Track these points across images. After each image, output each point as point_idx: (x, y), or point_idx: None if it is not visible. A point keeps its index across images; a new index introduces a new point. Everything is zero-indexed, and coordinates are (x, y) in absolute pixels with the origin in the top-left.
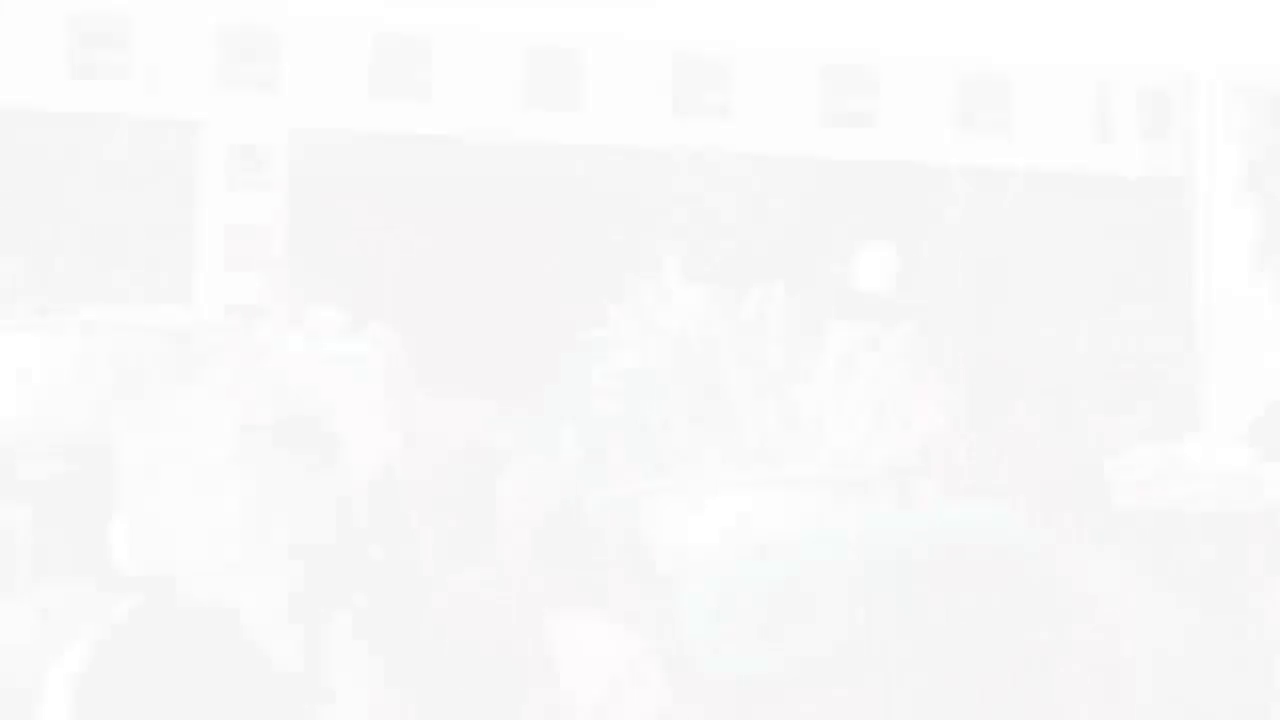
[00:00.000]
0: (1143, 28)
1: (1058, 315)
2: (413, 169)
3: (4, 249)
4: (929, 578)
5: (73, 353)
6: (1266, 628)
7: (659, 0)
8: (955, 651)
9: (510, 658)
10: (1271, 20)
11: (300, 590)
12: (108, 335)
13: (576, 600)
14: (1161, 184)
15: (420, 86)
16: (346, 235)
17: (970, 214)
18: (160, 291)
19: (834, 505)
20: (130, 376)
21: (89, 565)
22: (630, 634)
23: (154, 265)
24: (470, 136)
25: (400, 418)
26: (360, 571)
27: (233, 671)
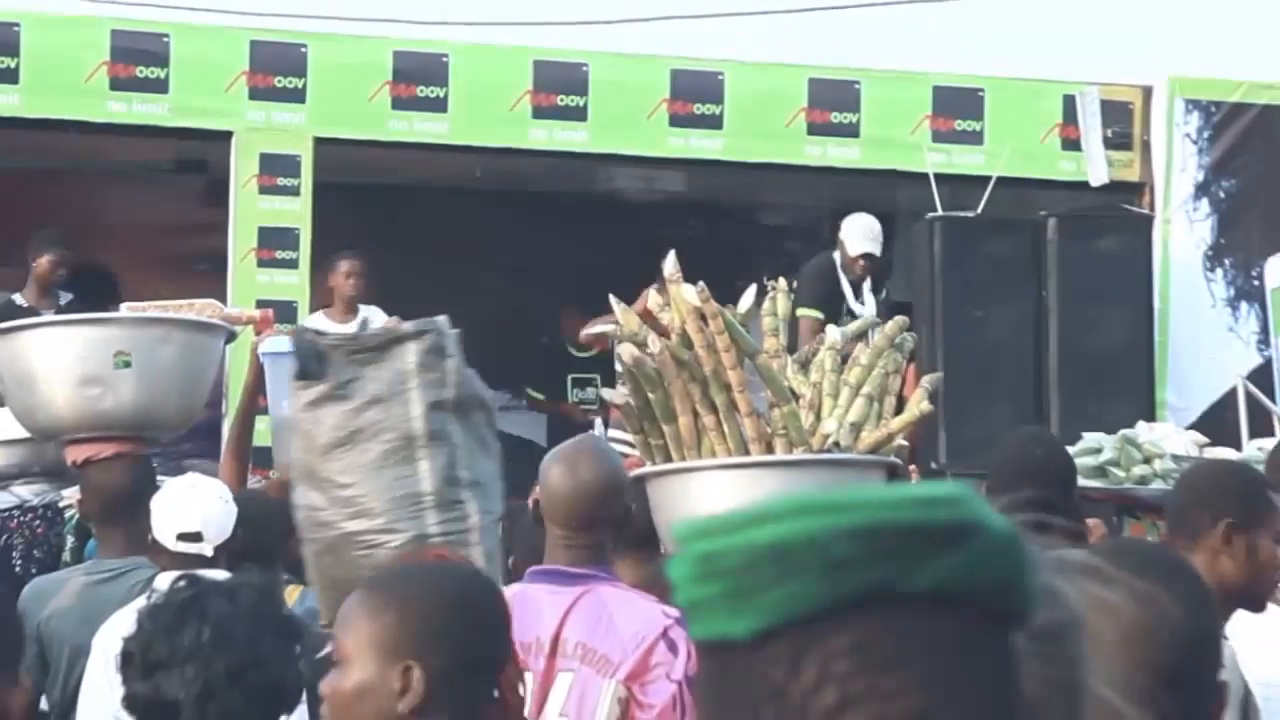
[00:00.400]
0: (1105, 45)
1: (1027, 312)
2: (428, 176)
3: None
4: None
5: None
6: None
7: (656, 19)
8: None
9: None
10: (1222, 39)
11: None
12: (161, 328)
13: None
14: (1123, 190)
15: (435, 100)
16: (366, 237)
17: (946, 218)
18: (197, 288)
19: (826, 487)
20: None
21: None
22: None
23: (191, 263)
24: (481, 146)
25: None
26: None
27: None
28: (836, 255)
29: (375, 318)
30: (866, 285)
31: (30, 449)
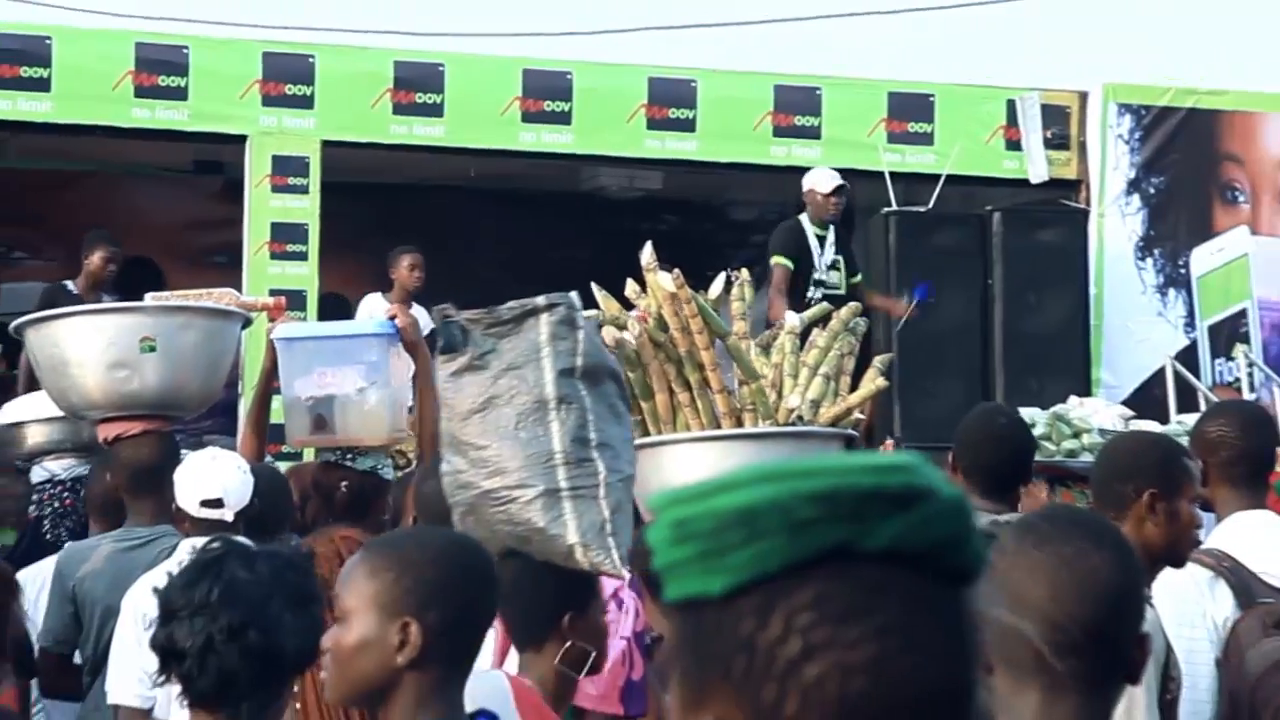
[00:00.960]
0: (1045, 54)
1: (974, 298)
2: (426, 175)
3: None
4: None
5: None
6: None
7: (634, 31)
8: None
9: None
10: (1152, 47)
11: None
12: (182, 315)
13: None
14: (1061, 187)
15: (432, 106)
16: (369, 232)
17: (900, 213)
18: (215, 279)
19: (790, 457)
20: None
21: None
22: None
23: (209, 256)
24: (474, 148)
25: None
26: None
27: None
28: (803, 217)
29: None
30: (829, 241)
31: (59, 427)
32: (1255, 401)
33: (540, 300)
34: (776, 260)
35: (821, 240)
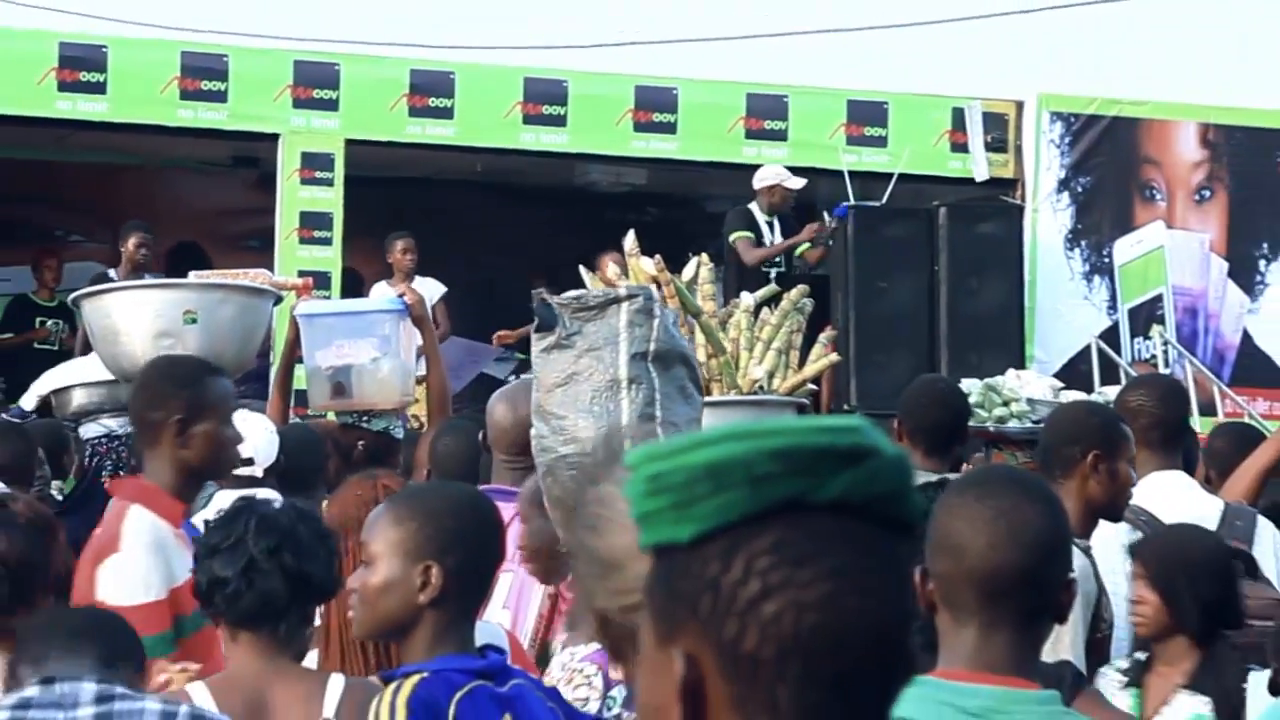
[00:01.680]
0: (987, 68)
1: (922, 283)
2: (437, 171)
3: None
4: None
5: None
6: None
7: (622, 45)
8: None
9: None
10: (1081, 63)
11: None
12: (221, 292)
13: None
14: (1000, 185)
15: (444, 110)
16: (387, 220)
17: (857, 207)
18: (250, 261)
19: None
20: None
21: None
22: None
23: (244, 240)
24: (481, 146)
25: None
26: None
27: None
28: (753, 205)
29: (428, 288)
30: (776, 228)
31: (114, 388)
32: (1170, 375)
33: (622, 290)
34: (739, 235)
35: (770, 226)
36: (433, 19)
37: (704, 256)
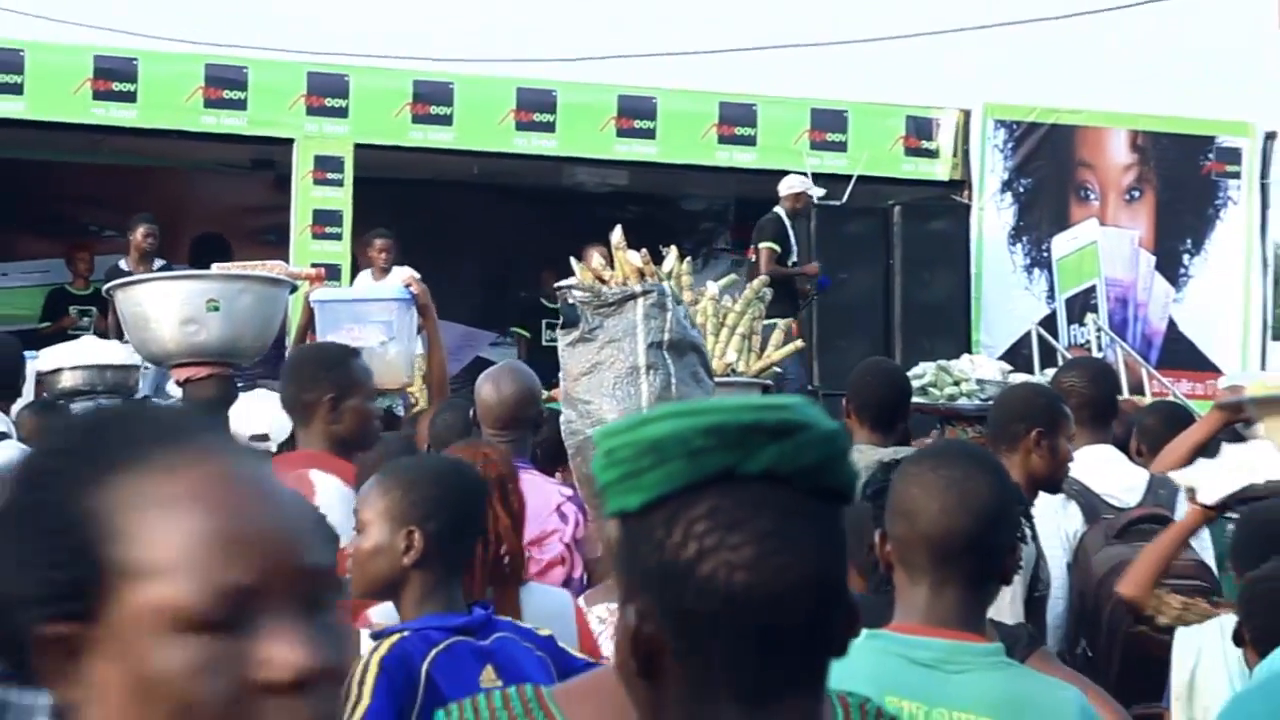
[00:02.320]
0: (937, 79)
1: (878, 275)
2: (438, 173)
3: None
4: None
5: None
6: (1011, 484)
7: (606, 58)
8: None
9: None
10: (1022, 75)
11: None
12: (241, 282)
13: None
14: (949, 186)
15: (443, 117)
16: (392, 218)
17: (820, 206)
18: (267, 254)
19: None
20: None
21: None
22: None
23: (262, 235)
24: (478, 150)
25: None
26: None
27: None
28: (779, 210)
29: (404, 274)
30: (792, 230)
31: (100, 372)
32: (1102, 359)
33: (638, 288)
34: (767, 245)
35: (792, 227)
36: (434, 34)
37: (673, 249)
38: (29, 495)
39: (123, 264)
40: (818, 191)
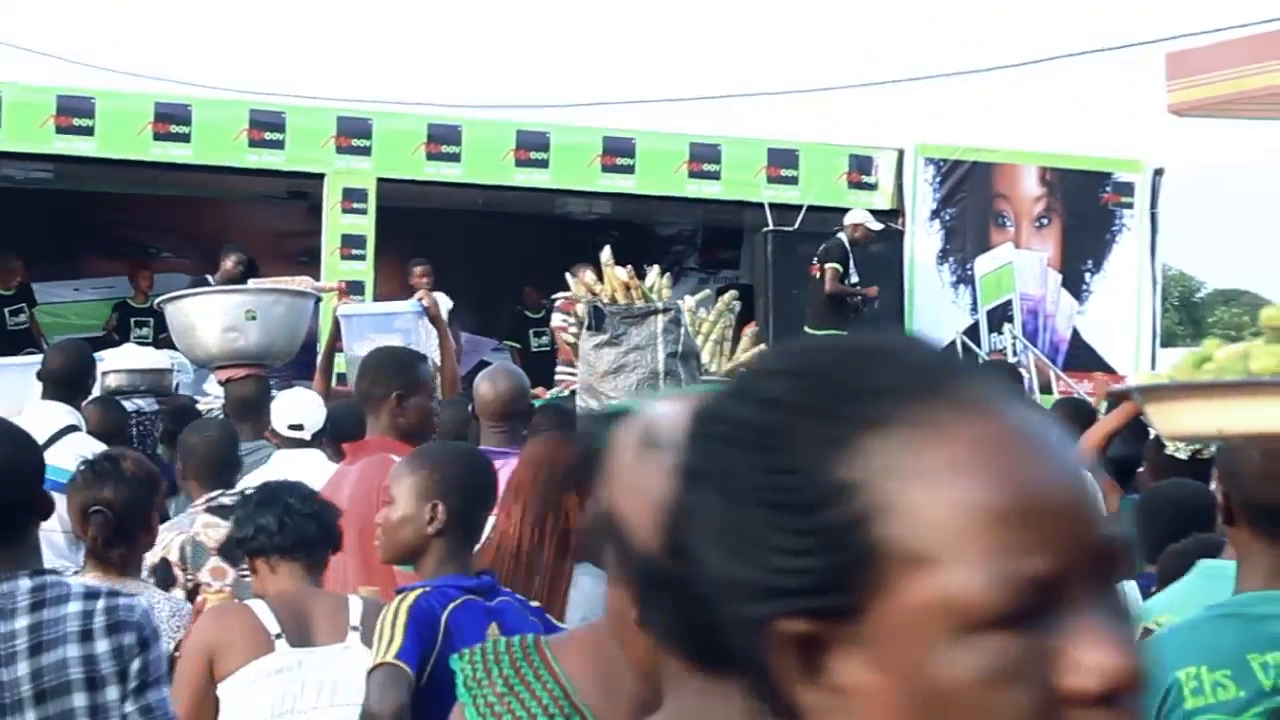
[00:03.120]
0: (876, 121)
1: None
2: (448, 203)
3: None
4: None
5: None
6: None
7: (593, 105)
8: None
9: None
10: (948, 119)
11: None
12: (274, 294)
13: None
14: (888, 215)
15: (453, 155)
16: (409, 243)
17: (775, 232)
18: (300, 272)
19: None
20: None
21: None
22: None
23: (296, 256)
24: (482, 184)
25: None
26: None
27: None
28: (842, 235)
29: (441, 303)
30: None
31: (141, 375)
32: (1015, 362)
33: (660, 305)
34: (832, 266)
35: (852, 255)
36: (445, 85)
37: (656, 268)
38: (754, 459)
39: (210, 280)
40: (876, 225)
